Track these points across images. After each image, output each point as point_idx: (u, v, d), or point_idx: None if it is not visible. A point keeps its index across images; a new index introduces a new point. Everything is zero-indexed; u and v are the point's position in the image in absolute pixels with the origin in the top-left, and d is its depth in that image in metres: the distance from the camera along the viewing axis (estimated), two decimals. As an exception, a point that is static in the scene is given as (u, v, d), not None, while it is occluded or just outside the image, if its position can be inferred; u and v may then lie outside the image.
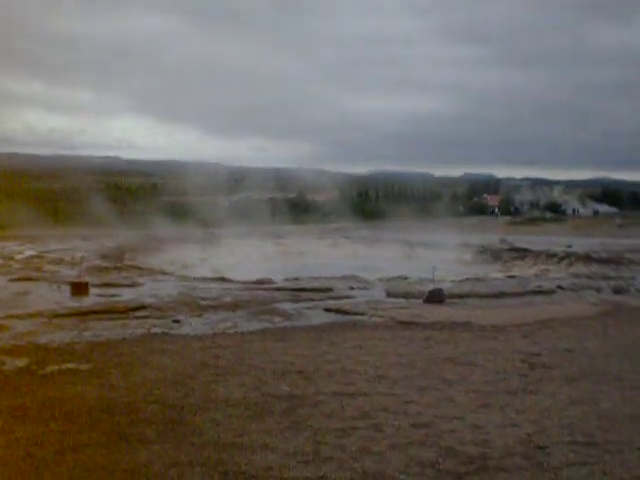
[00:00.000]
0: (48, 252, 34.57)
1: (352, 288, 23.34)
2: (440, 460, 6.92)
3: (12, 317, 16.51)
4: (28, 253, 34.07)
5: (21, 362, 11.64)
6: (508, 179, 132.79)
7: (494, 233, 51.10)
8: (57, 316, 16.74)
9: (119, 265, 29.93)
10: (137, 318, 16.76)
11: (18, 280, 23.81)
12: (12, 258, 31.71)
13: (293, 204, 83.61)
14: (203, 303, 19.20)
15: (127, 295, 20.70)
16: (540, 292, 22.70)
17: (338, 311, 18.19)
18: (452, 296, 20.87)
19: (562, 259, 34.98)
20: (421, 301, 20.14)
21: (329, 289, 22.72)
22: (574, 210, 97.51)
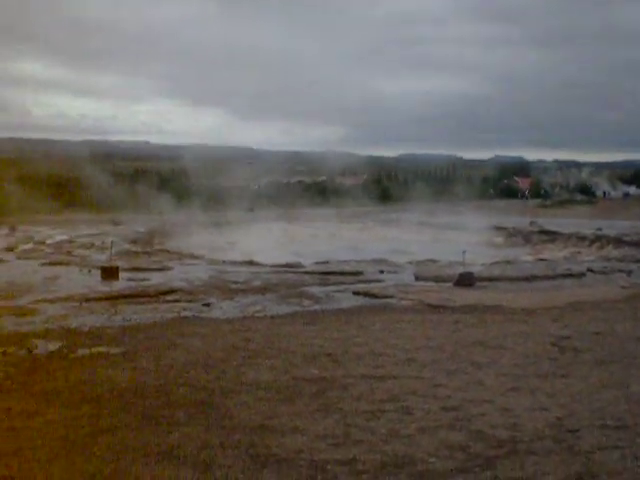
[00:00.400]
0: (78, 237, 34.85)
1: (381, 271, 23.33)
2: (470, 443, 6.91)
3: (44, 301, 16.70)
4: (59, 238, 34.36)
5: (53, 346, 11.78)
6: (538, 161, 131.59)
7: (524, 216, 50.81)
8: (88, 300, 16.90)
9: (149, 249, 30.16)
10: (167, 302, 16.90)
11: (49, 264, 24.05)
12: (43, 243, 32.01)
13: (322, 187, 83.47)
14: (233, 286, 19.30)
15: (157, 279, 20.85)
16: (570, 275, 22.58)
17: (367, 294, 18.20)
18: (482, 279, 20.81)
19: (592, 242, 34.77)
20: (451, 284, 20.10)
21: (358, 272, 22.74)
22: (604, 193, 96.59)
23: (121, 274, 21.17)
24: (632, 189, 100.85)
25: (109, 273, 20.93)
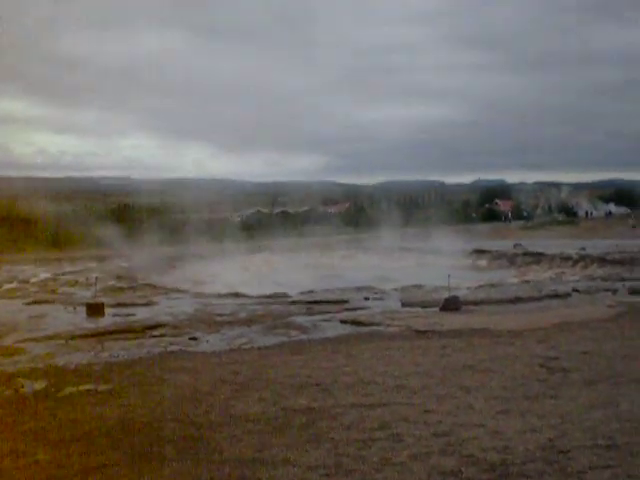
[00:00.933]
0: (62, 274, 34.73)
1: (367, 299, 23.35)
2: (462, 468, 6.89)
3: (29, 340, 16.59)
4: (43, 276, 34.22)
5: (39, 385, 11.69)
6: (519, 184, 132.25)
7: (507, 238, 51.04)
8: (74, 337, 16.79)
9: (134, 284, 30.04)
10: (154, 337, 16.82)
11: (34, 303, 23.93)
12: (27, 281, 31.85)
13: (305, 217, 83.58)
14: (219, 319, 19.26)
15: (143, 314, 20.77)
16: (556, 296, 22.66)
17: (354, 322, 18.19)
18: (468, 303, 20.84)
19: (576, 262, 34.97)
20: (437, 309, 20.12)
21: (344, 301, 22.74)
22: (587, 212, 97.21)
23: (107, 310, 21.07)
24: (612, 207, 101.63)
25: (94, 310, 20.84)
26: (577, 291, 23.59)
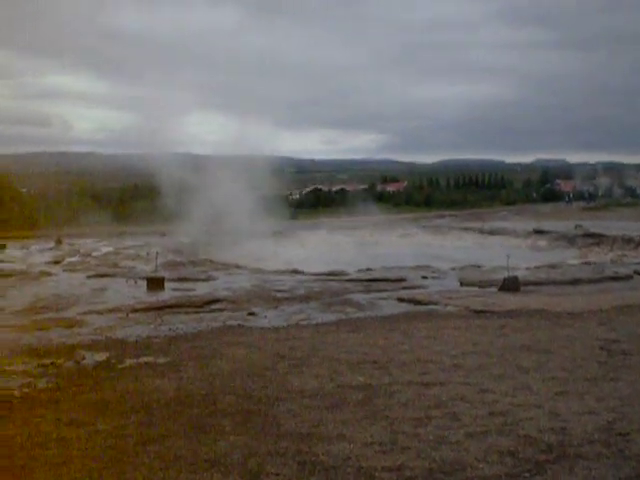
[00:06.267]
0: (124, 248, 35.19)
1: (425, 278, 23.25)
2: (519, 448, 6.85)
3: (91, 312, 16.89)
4: (104, 250, 34.73)
5: (100, 356, 11.89)
6: (581, 164, 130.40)
7: (568, 219, 50.29)
8: (134, 311, 17.04)
9: (193, 260, 30.31)
10: (213, 311, 17.00)
11: (96, 276, 24.30)
12: (89, 255, 32.35)
13: (364, 195, 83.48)
14: (277, 295, 19.36)
15: (202, 289, 20.98)
16: (617, 278, 22.32)
17: (411, 301, 18.14)
18: (527, 284, 20.64)
19: (639, 244, 34.32)
20: (495, 289, 19.97)
21: (402, 279, 22.66)
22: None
23: (166, 284, 21.35)
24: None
25: (155, 284, 21.11)
26: (638, 273, 23.19)
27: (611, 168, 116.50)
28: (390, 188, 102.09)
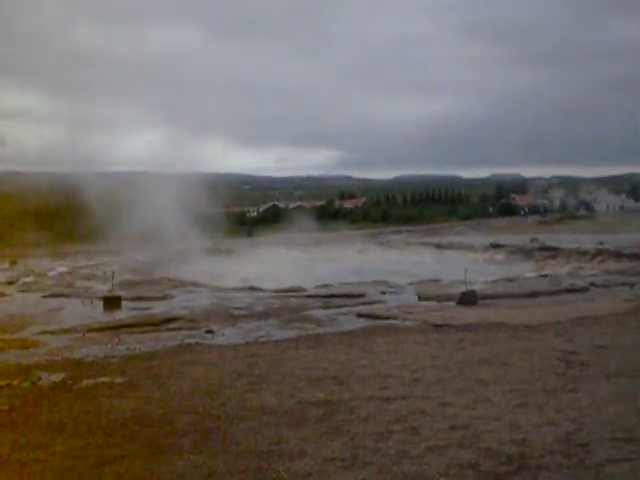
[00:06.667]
0: (79, 268, 34.81)
1: (383, 293, 23.29)
2: (480, 461, 6.85)
3: (47, 333, 16.66)
4: (59, 269, 34.30)
5: (57, 377, 11.72)
6: (536, 178, 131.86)
7: (524, 233, 50.75)
8: (91, 330, 16.86)
9: (150, 278, 30.07)
10: (170, 330, 16.86)
11: (51, 296, 24.00)
12: (44, 275, 31.95)
13: (321, 211, 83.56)
14: (235, 313, 19.27)
15: (159, 307, 20.81)
16: (573, 290, 22.54)
17: (370, 316, 18.14)
18: (485, 297, 20.76)
19: (594, 256, 34.76)
20: (454, 303, 20.05)
21: (360, 295, 22.67)
22: (607, 206, 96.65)
23: (123, 303, 21.14)
24: (631, 202, 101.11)
25: (111, 303, 20.89)
26: (594, 285, 23.44)
27: (565, 182, 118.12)
28: (348, 204, 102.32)
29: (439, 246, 44.29)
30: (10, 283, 28.60)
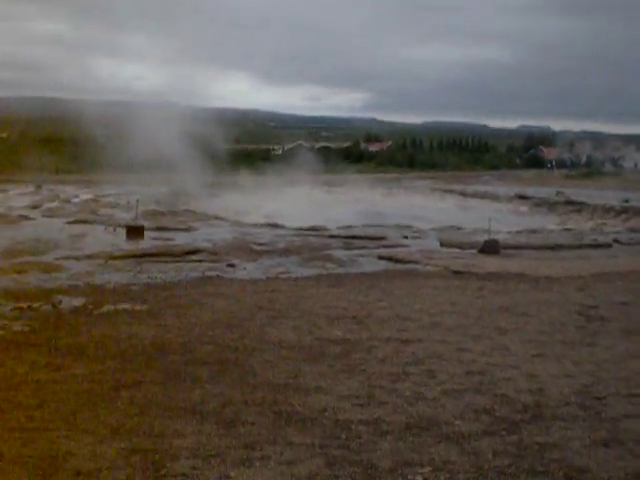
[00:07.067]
0: (104, 196, 34.98)
1: (405, 237, 23.24)
2: (495, 407, 6.87)
3: (69, 258, 16.79)
4: (84, 197, 34.50)
5: (78, 302, 11.82)
6: (565, 132, 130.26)
7: (550, 186, 50.34)
8: (113, 258, 16.96)
9: (174, 210, 30.15)
10: (192, 261, 16.93)
11: (75, 222, 24.15)
12: (69, 201, 32.14)
13: (347, 153, 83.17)
14: (257, 248, 19.32)
15: (182, 239, 20.90)
16: (596, 245, 22.37)
17: (391, 259, 18.11)
18: (507, 247, 20.65)
19: (619, 213, 34.46)
20: (475, 251, 19.97)
21: (382, 237, 22.63)
22: (635, 164, 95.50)
23: (146, 233, 21.22)
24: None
25: (134, 232, 20.97)
26: (618, 242, 23.25)
27: (594, 137, 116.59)
28: (373, 147, 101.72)
29: (464, 194, 44.10)
30: (35, 207, 28.82)
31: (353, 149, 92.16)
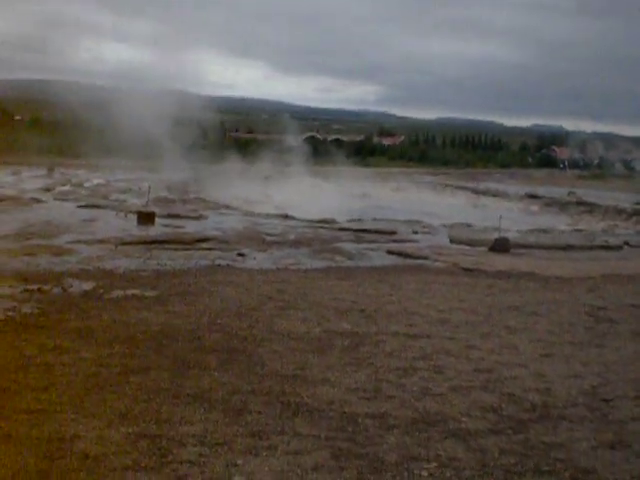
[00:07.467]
0: (115, 181, 35.04)
1: (415, 232, 23.21)
2: (502, 405, 6.87)
3: (80, 242, 16.83)
4: (96, 181, 34.56)
5: (88, 285, 11.85)
6: (577, 132, 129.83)
7: (562, 186, 50.21)
8: (124, 243, 17.00)
9: (185, 197, 30.19)
10: (202, 250, 16.94)
11: (87, 206, 24.21)
12: (81, 185, 32.22)
13: (359, 146, 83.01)
14: (267, 238, 19.32)
15: (192, 227, 20.93)
16: (607, 247, 22.30)
17: (401, 254, 18.09)
18: (517, 246, 20.60)
19: (630, 215, 34.31)
20: (485, 249, 19.93)
21: (392, 232, 22.60)
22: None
23: (157, 220, 21.24)
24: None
25: (145, 218, 21.00)
26: (629, 244, 23.19)
27: (607, 138, 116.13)
28: (386, 141, 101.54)
29: (475, 191, 43.98)
30: (47, 190, 28.91)
31: (365, 143, 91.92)
